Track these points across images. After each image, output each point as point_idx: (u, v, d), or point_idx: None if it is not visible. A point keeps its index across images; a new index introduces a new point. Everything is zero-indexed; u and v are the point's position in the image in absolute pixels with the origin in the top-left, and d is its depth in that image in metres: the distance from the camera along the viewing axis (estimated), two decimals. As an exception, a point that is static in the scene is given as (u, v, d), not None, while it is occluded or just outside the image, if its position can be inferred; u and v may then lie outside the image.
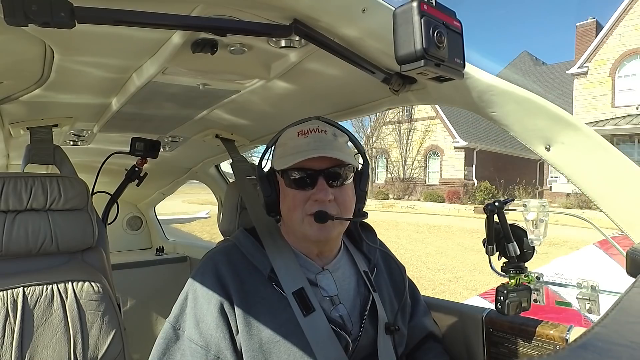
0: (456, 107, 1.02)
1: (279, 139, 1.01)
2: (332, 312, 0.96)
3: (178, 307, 0.95)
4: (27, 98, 1.22)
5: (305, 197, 0.93)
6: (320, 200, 0.91)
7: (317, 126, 0.96)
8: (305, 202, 0.93)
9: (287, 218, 0.98)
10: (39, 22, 0.59)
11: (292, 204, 0.94)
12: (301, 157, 0.91)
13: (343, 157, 0.92)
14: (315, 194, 0.92)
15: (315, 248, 1.00)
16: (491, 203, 1.00)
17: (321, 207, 0.92)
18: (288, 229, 1.02)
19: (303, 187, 0.93)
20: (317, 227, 0.92)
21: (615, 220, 0.86)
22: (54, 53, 0.94)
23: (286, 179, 0.95)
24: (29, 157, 1.40)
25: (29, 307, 1.03)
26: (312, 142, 0.93)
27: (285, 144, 0.98)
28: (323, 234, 0.94)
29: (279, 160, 0.96)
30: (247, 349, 0.88)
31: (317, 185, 0.92)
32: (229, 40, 0.89)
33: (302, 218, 0.94)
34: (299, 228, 0.95)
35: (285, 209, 0.97)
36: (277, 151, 1.00)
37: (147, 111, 1.43)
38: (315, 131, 0.95)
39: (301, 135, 0.95)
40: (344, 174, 0.95)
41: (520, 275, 1.04)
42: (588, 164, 0.88)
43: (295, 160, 0.91)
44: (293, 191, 0.94)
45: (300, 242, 1.00)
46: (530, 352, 1.06)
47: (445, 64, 0.69)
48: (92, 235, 1.23)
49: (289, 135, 0.98)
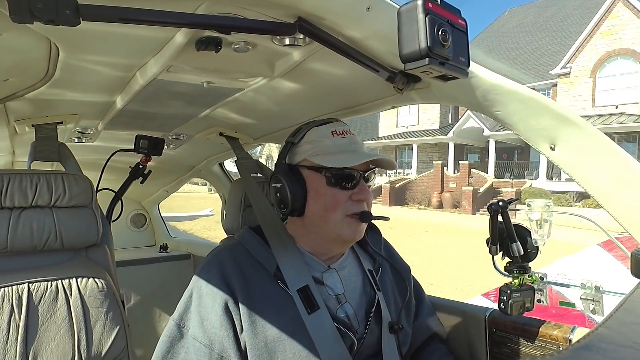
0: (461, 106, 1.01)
1: (307, 136, 0.99)
2: (338, 310, 0.96)
3: (182, 305, 0.95)
4: (32, 95, 1.22)
5: (346, 196, 0.94)
6: (364, 200, 0.95)
7: (349, 128, 1.00)
8: (345, 202, 0.94)
9: (320, 217, 0.96)
10: (44, 20, 0.59)
11: (332, 202, 0.94)
12: (357, 159, 0.93)
13: (378, 162, 0.97)
14: (357, 194, 0.94)
15: (340, 248, 1.02)
16: (495, 203, 1.00)
17: (363, 207, 0.95)
18: (310, 228, 0.99)
19: (345, 187, 0.94)
20: (357, 227, 0.95)
21: (620, 220, 0.85)
22: (59, 51, 0.94)
23: (328, 177, 0.94)
24: (34, 154, 1.40)
25: (34, 303, 1.04)
26: (352, 144, 0.97)
27: (319, 142, 0.97)
28: (359, 233, 0.96)
29: (320, 157, 0.95)
30: (252, 348, 0.88)
31: (360, 186, 0.95)
32: (233, 38, 0.89)
33: (341, 218, 0.94)
34: (334, 227, 0.95)
35: (320, 208, 0.95)
36: (306, 148, 0.98)
37: (152, 109, 1.44)
38: (349, 133, 0.99)
39: (337, 135, 0.97)
40: (372, 177, 0.99)
41: (524, 275, 1.04)
42: (593, 164, 0.87)
43: (350, 161, 0.93)
44: (334, 190, 0.94)
45: (322, 242, 0.99)
46: (533, 353, 1.05)
47: (450, 63, 0.69)
48: (97, 232, 1.24)
49: (321, 134, 0.98)
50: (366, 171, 0.96)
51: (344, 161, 0.93)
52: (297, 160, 0.99)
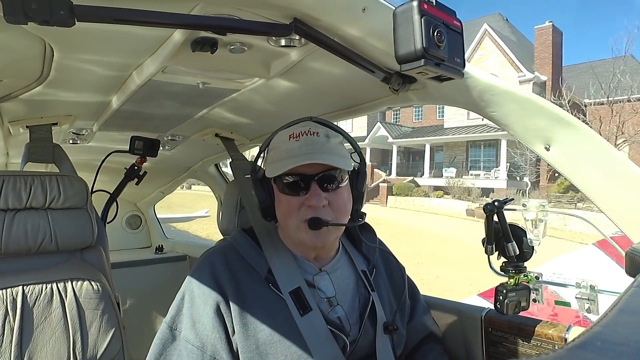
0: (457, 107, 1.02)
1: (272, 142, 0.98)
2: (329, 313, 0.96)
3: (175, 308, 0.94)
4: (26, 96, 1.21)
5: (299, 203, 0.91)
6: (314, 206, 0.89)
7: (309, 128, 0.93)
8: (300, 208, 0.91)
9: (283, 223, 0.97)
10: (39, 21, 0.59)
11: (287, 209, 0.93)
12: (292, 164, 0.88)
13: (335, 161, 0.90)
14: (308, 199, 0.90)
15: (312, 252, 1.00)
16: (491, 203, 1.00)
17: (315, 213, 0.90)
18: (284, 232, 1.01)
19: (297, 192, 0.91)
20: (313, 233, 0.91)
21: (614, 220, 0.86)
22: (54, 51, 0.93)
23: (279, 185, 0.94)
24: (29, 155, 1.39)
25: (29, 305, 1.03)
26: (304, 146, 0.90)
27: (277, 148, 0.95)
28: (319, 240, 0.93)
29: (271, 165, 0.94)
30: (244, 350, 0.88)
31: (310, 191, 0.90)
32: (228, 39, 0.89)
33: (297, 224, 0.92)
34: (294, 234, 0.94)
35: (280, 215, 0.96)
36: (270, 155, 0.97)
37: (147, 110, 1.43)
38: (307, 134, 0.92)
39: (292, 139, 0.92)
40: (338, 177, 0.92)
41: (520, 275, 1.04)
42: (587, 164, 0.88)
43: (286, 167, 0.89)
44: (286, 197, 0.93)
45: (297, 246, 1.00)
46: (529, 352, 1.06)
47: (445, 64, 0.69)
48: (92, 233, 1.23)
49: (280, 139, 0.96)
50: (318, 174, 0.90)
51: (279, 167, 0.90)
52: (265, 167, 0.99)
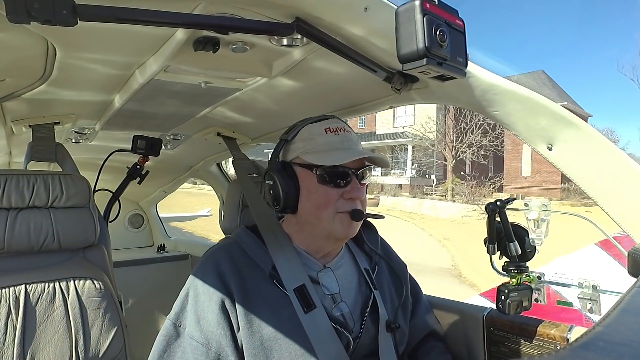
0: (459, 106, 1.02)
1: (299, 134, 0.99)
2: (333, 309, 0.96)
3: (179, 304, 0.94)
4: (29, 95, 1.22)
5: (338, 194, 0.94)
6: (357, 198, 0.94)
7: (343, 125, 0.98)
8: (338, 199, 0.94)
9: (312, 214, 0.96)
10: (41, 20, 0.59)
11: (324, 200, 0.94)
12: (350, 157, 0.92)
13: (372, 159, 0.97)
14: (349, 192, 0.94)
15: (333, 246, 1.01)
16: (493, 202, 1.00)
17: (355, 205, 0.94)
18: (304, 225, 0.99)
19: (337, 184, 0.94)
20: (349, 224, 0.94)
21: (617, 220, 0.86)
22: (56, 50, 0.94)
23: (319, 175, 0.94)
24: (31, 154, 1.40)
25: (31, 304, 1.04)
26: (345, 141, 0.96)
27: (311, 140, 0.96)
28: (352, 231, 0.96)
29: (311, 155, 0.95)
30: (248, 347, 0.88)
31: (352, 184, 0.94)
32: (230, 39, 0.89)
33: (332, 215, 0.93)
34: (326, 225, 0.94)
35: (312, 206, 0.95)
36: (299, 145, 0.97)
37: (149, 109, 1.43)
38: (343, 130, 0.97)
39: (330, 133, 0.96)
40: (367, 175, 0.98)
41: (522, 275, 1.04)
42: (590, 164, 0.87)
43: (346, 158, 0.92)
44: (325, 188, 0.94)
45: (315, 240, 0.99)
46: (531, 352, 1.06)
47: (448, 63, 0.69)
48: (94, 232, 1.24)
49: (314, 131, 0.97)
50: (359, 169, 0.96)
51: (334, 159, 0.92)
52: (290, 157, 0.99)
